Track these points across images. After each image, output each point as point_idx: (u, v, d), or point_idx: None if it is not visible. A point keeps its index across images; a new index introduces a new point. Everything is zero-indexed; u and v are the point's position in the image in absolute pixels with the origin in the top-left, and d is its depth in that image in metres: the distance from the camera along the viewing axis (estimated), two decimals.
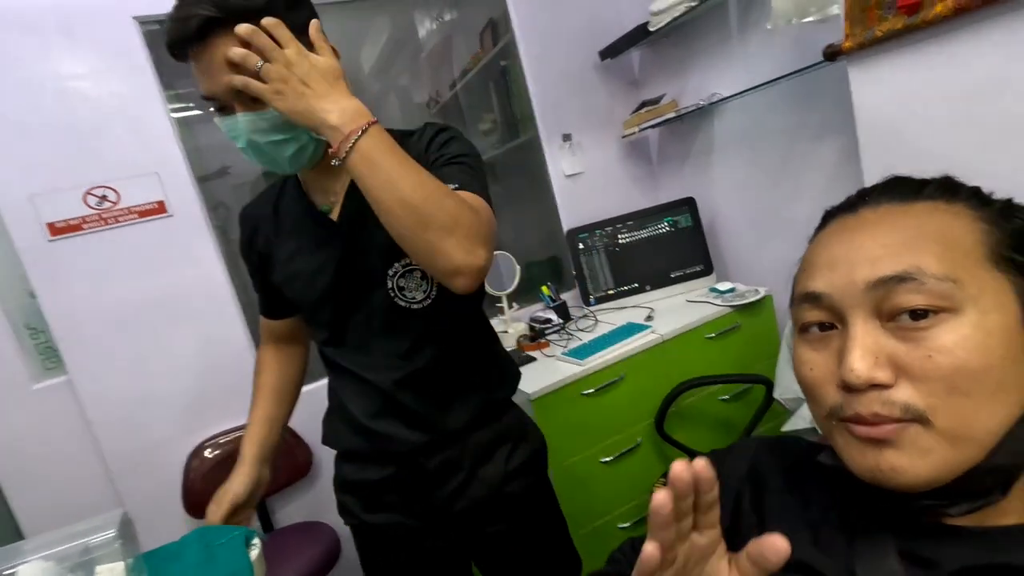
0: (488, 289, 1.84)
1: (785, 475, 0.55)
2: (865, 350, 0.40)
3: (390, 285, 0.85)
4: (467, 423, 0.91)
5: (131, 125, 1.56)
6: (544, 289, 2.03)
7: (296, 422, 1.72)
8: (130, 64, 1.56)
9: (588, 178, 2.16)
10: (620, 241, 2.03)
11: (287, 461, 1.72)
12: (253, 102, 0.71)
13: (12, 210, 1.47)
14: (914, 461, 0.39)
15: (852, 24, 1.15)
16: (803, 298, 0.46)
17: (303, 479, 1.77)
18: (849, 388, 0.41)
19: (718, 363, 1.70)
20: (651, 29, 1.78)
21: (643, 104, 2.03)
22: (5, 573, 0.77)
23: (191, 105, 1.86)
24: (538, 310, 2.05)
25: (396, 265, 0.85)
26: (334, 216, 0.86)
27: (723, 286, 1.83)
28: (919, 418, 0.39)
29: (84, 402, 1.56)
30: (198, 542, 0.88)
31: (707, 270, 1.97)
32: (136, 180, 1.57)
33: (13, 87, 1.45)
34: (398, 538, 0.96)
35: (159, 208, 1.60)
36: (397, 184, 0.67)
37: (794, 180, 1.70)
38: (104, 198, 1.54)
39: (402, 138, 0.81)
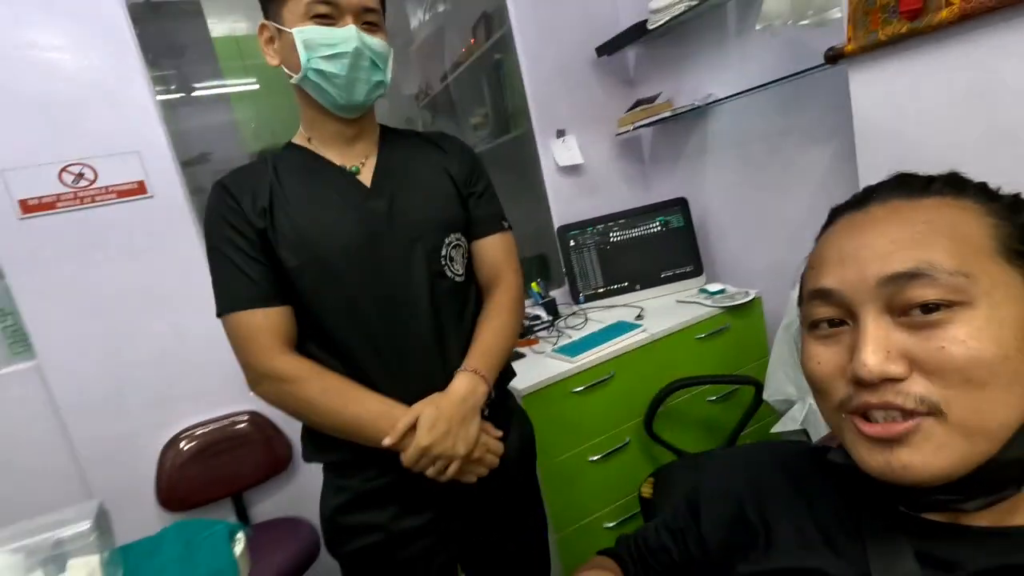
0: None
1: (787, 480, 0.54)
2: (877, 344, 0.40)
3: (445, 252, 0.91)
4: (488, 403, 0.92)
5: (112, 102, 1.49)
6: (534, 285, 2.01)
7: (275, 414, 1.68)
8: (114, 39, 1.49)
9: (580, 175, 2.15)
10: (611, 239, 2.02)
11: (265, 455, 1.68)
12: (371, 29, 0.84)
13: None
14: (927, 458, 0.39)
15: (855, 27, 1.15)
16: (813, 294, 0.46)
17: (282, 473, 1.72)
18: (861, 383, 0.40)
19: (707, 364, 1.70)
20: (649, 27, 1.78)
21: (638, 103, 2.02)
22: None
23: (174, 88, 1.80)
24: (527, 306, 2.03)
25: (453, 236, 0.93)
26: (366, 179, 0.89)
27: (713, 287, 1.84)
28: (934, 410, 0.39)
29: (53, 388, 1.49)
30: (177, 537, 0.84)
31: (697, 271, 1.97)
32: (116, 158, 1.50)
33: None
34: (439, 539, 0.93)
35: (139, 188, 1.53)
36: (508, 347, 0.98)
37: (786, 183, 1.71)
38: (80, 175, 1.47)
39: (418, 137, 0.99)
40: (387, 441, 0.80)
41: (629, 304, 1.96)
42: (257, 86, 2.10)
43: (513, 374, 1.06)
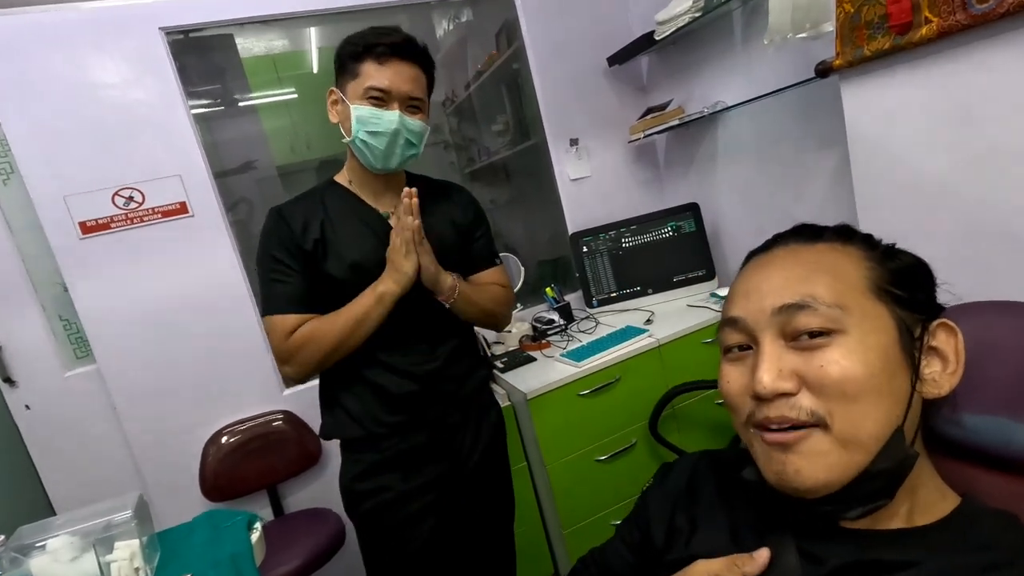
0: None
1: (720, 485, 0.60)
2: (771, 364, 0.47)
3: None
4: (475, 389, 1.20)
5: (156, 130, 1.66)
6: (548, 290, 2.08)
7: (306, 413, 1.83)
8: (156, 72, 1.65)
9: (594, 182, 2.20)
10: (623, 245, 2.07)
11: (298, 450, 1.82)
12: (413, 112, 1.05)
13: (48, 209, 1.58)
14: (813, 463, 0.46)
15: (843, 42, 1.17)
16: (725, 323, 0.53)
17: (313, 468, 1.86)
18: (760, 398, 0.47)
19: (713, 367, 1.72)
20: (656, 38, 1.81)
21: (649, 110, 2.06)
22: (37, 545, 0.86)
23: (216, 101, 1.95)
24: (542, 310, 2.11)
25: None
26: (394, 223, 1.07)
27: (724, 291, 1.86)
28: (820, 422, 0.45)
29: (111, 389, 1.67)
30: (207, 524, 0.96)
31: (709, 275, 2.00)
32: (160, 182, 1.66)
33: (52, 96, 1.55)
34: (439, 493, 1.13)
35: (181, 208, 1.69)
36: (482, 307, 1.16)
37: (795, 189, 1.72)
38: (131, 199, 1.64)
39: (435, 186, 1.22)
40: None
41: (640, 308, 2.00)
42: (295, 95, 2.26)
43: (492, 366, 1.30)
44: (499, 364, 1.78)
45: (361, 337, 1.03)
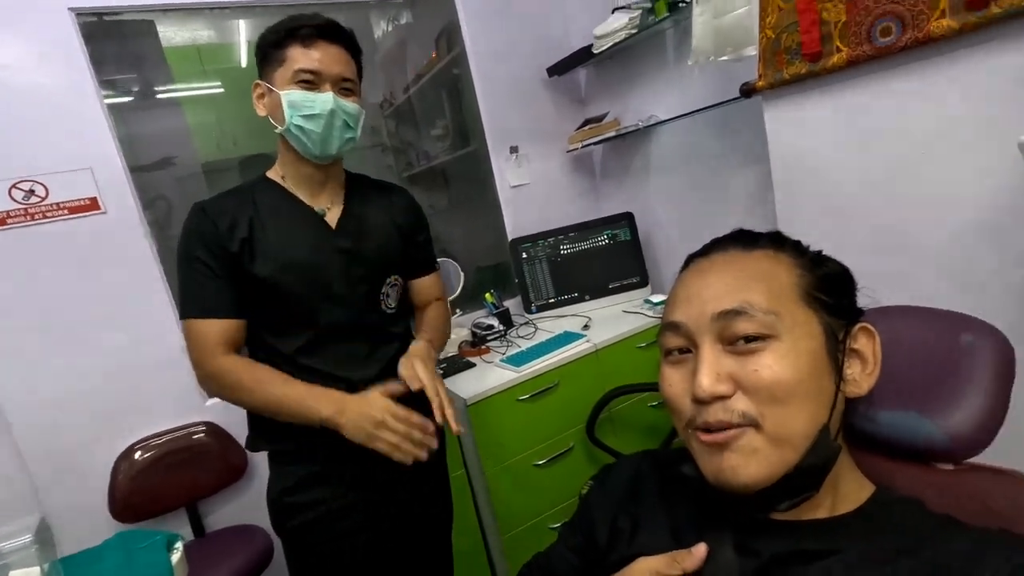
0: None
1: (661, 485, 0.62)
2: (710, 368, 0.49)
3: (384, 291, 1.11)
4: (412, 397, 1.11)
5: (64, 118, 1.52)
6: (488, 296, 2.08)
7: (231, 424, 1.72)
8: (65, 56, 1.51)
9: (533, 189, 2.23)
10: (562, 252, 2.11)
11: (222, 464, 1.71)
12: (347, 94, 1.00)
13: None
14: (747, 461, 0.48)
15: (765, 65, 1.25)
16: (666, 327, 0.55)
17: (237, 482, 1.76)
18: (699, 401, 0.49)
19: (647, 371, 1.79)
20: (594, 52, 1.87)
21: (587, 121, 2.11)
22: None
23: (134, 91, 1.81)
24: (482, 316, 2.11)
25: (391, 278, 1.13)
26: (331, 221, 1.06)
27: (656, 298, 1.94)
28: (753, 423, 0.48)
29: (3, 403, 1.51)
30: (119, 547, 0.88)
31: (643, 282, 2.07)
32: (68, 175, 1.52)
33: None
34: (371, 511, 1.08)
35: (92, 204, 1.56)
36: (443, 342, 1.23)
37: (721, 201, 1.82)
38: (31, 192, 1.49)
39: (376, 186, 1.19)
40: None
41: (578, 314, 2.04)
42: (222, 89, 2.13)
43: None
44: (438, 370, 1.76)
45: (282, 417, 0.98)
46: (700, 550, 0.51)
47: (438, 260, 1.28)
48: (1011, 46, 0.88)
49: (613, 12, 1.75)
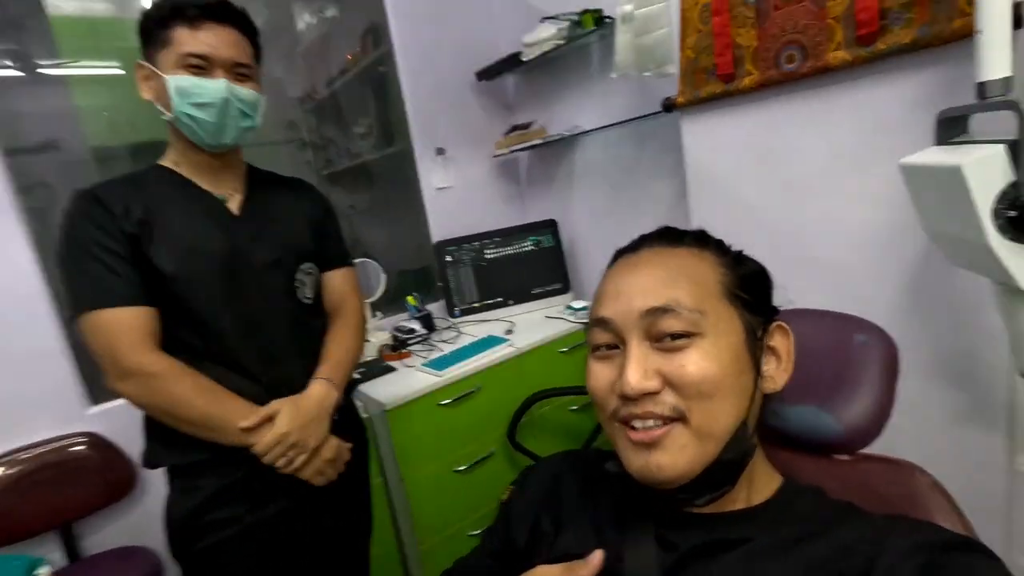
0: None
1: (582, 484, 0.63)
2: (638, 365, 0.49)
3: (298, 278, 1.04)
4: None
5: None
6: (410, 299, 2.03)
7: (117, 435, 1.55)
8: None
9: (459, 192, 2.21)
10: (487, 256, 2.10)
11: (103, 480, 1.53)
12: (242, 79, 0.93)
13: None
14: (674, 457, 0.49)
15: (684, 83, 1.32)
16: (594, 323, 0.55)
17: (122, 500, 1.58)
18: (627, 397, 0.50)
19: (569, 375, 1.82)
20: (523, 59, 1.89)
21: (514, 127, 2.13)
22: None
23: (11, 64, 1.61)
24: (403, 319, 2.05)
25: (305, 265, 1.05)
26: (234, 208, 0.99)
27: (578, 304, 1.98)
28: (681, 416, 0.49)
29: None
30: None
31: (565, 288, 2.11)
32: None
33: None
34: (288, 526, 1.00)
35: None
36: (356, 358, 1.13)
37: (639, 211, 1.90)
38: None
39: (282, 180, 1.11)
40: (245, 423, 0.89)
41: (501, 319, 2.04)
42: (121, 71, 1.93)
43: (355, 386, 1.17)
44: (356, 375, 1.69)
45: (212, 436, 0.90)
46: (595, 558, 0.51)
47: (358, 260, 1.23)
48: (898, 79, 0.98)
49: (542, 21, 1.78)
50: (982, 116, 0.77)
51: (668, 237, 0.59)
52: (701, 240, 0.58)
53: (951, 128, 0.81)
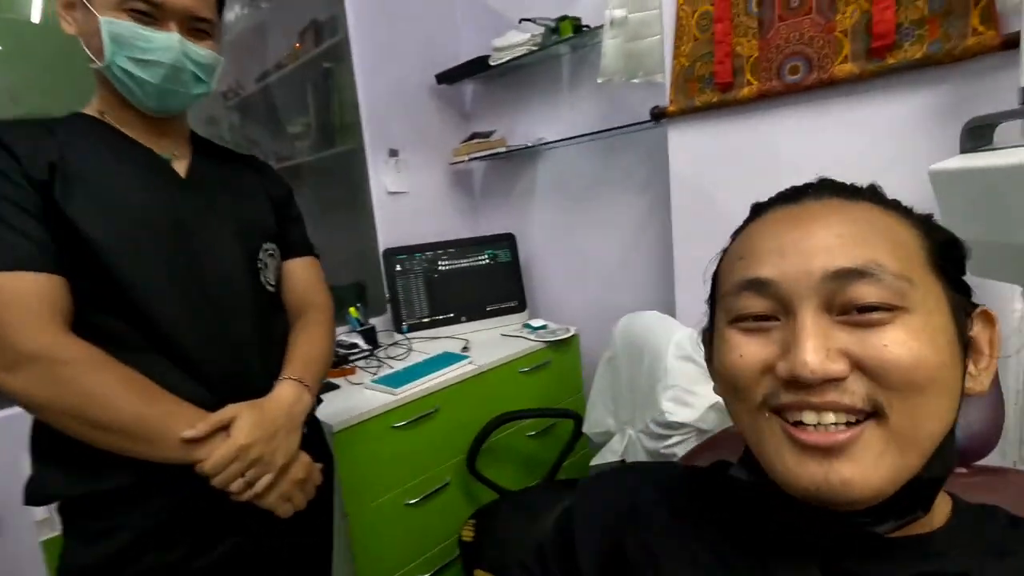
0: None
1: (671, 507, 0.49)
2: (819, 343, 0.37)
3: (261, 258, 0.86)
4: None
5: None
6: (353, 311, 1.83)
7: None
8: None
9: (411, 199, 2.06)
10: (440, 268, 1.95)
11: None
12: (200, 36, 0.76)
13: None
14: (866, 470, 0.36)
15: (676, 91, 1.29)
16: (746, 285, 0.41)
17: None
18: (799, 383, 0.37)
19: (530, 398, 1.70)
20: (492, 63, 1.81)
21: (474, 135, 2.04)
22: None
23: None
24: (343, 332, 1.84)
25: (267, 244, 0.88)
26: (180, 171, 0.81)
27: (536, 322, 1.88)
28: (879, 409, 0.36)
29: None
30: None
31: (521, 306, 2.00)
32: None
33: None
34: (238, 571, 0.78)
35: None
36: (328, 361, 0.94)
37: (603, 228, 1.85)
38: None
39: (236, 156, 0.93)
40: (190, 432, 0.68)
41: (454, 336, 1.89)
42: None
43: (320, 401, 0.95)
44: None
45: (129, 452, 0.68)
46: None
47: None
48: (904, 94, 1.00)
49: (520, 22, 1.72)
50: (1003, 128, 0.78)
51: (839, 189, 0.44)
52: (879, 196, 0.44)
53: (978, 138, 0.81)
